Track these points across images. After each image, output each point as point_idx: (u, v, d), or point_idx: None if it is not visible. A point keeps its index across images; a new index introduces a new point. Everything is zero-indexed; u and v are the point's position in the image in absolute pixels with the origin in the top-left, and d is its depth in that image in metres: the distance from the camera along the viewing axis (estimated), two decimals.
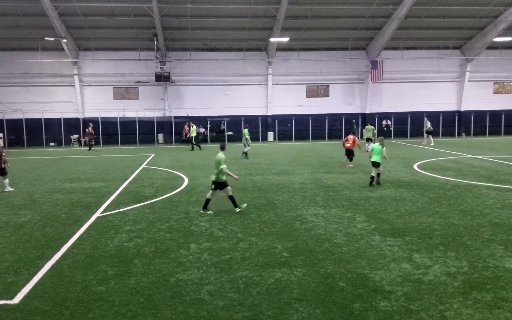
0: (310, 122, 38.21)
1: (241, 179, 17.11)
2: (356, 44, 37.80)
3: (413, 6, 30.59)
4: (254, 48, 37.40)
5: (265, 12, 31.86)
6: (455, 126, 39.43)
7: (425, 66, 38.76)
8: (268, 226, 10.27)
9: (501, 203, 12.15)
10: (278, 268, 7.54)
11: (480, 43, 36.83)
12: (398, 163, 21.10)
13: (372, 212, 11.51)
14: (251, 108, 38.24)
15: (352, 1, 31.06)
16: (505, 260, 7.73)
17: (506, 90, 40.63)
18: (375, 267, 7.50)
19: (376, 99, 39.20)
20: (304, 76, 38.43)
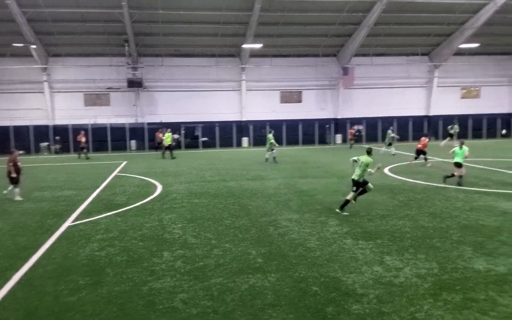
0: (284, 127, 38.46)
1: (215, 185, 17.08)
2: (327, 51, 38.34)
3: (382, 13, 31.26)
4: (227, 54, 37.44)
5: (237, 19, 31.98)
6: (424, 130, 40.38)
7: (394, 72, 39.64)
8: (242, 232, 10.26)
9: (469, 206, 12.48)
10: (252, 274, 7.53)
11: (448, 50, 37.93)
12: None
13: (344, 215, 11.63)
14: (226, 113, 38.24)
15: (322, 9, 31.50)
16: (473, 261, 7.93)
17: (473, 95, 41.94)
18: (348, 271, 7.59)
19: (348, 105, 39.82)
20: (277, 82, 38.72)
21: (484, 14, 32.57)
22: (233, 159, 27.34)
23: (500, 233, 9.65)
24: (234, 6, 30.54)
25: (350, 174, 19.07)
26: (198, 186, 17.05)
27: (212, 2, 29.94)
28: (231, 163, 25.24)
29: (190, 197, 14.75)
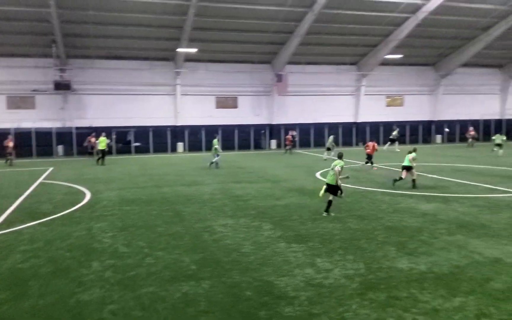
0: (220, 133, 38.44)
1: (148, 191, 16.71)
2: (262, 58, 38.93)
3: (313, 23, 32.30)
4: (161, 58, 36.83)
5: (172, 23, 31.57)
6: (353, 136, 42.23)
7: (325, 80, 41.07)
8: (176, 239, 10.12)
9: (393, 208, 13.22)
10: (185, 282, 7.45)
11: (374, 60, 39.97)
12: (302, 172, 22.04)
13: (278, 220, 11.87)
14: (160, 118, 37.53)
15: (256, 17, 31.97)
16: (396, 261, 8.39)
17: (397, 103, 44.51)
18: (280, 274, 7.74)
19: (282, 111, 40.65)
20: (213, 87, 38.67)
21: (407, 27, 34.72)
22: (167, 165, 26.89)
23: (421, 233, 10.31)
24: (168, 9, 30.13)
25: (284, 179, 19.61)
26: (130, 193, 16.58)
27: (146, 5, 29.30)
28: (166, 168, 24.82)
29: (121, 204, 14.31)
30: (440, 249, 9.05)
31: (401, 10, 32.80)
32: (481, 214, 12.15)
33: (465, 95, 45.23)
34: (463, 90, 44.93)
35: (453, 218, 11.74)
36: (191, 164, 26.91)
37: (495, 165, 23.94)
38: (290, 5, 30.70)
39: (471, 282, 7.22)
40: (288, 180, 19.31)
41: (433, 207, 13.20)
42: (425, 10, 32.22)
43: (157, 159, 31.13)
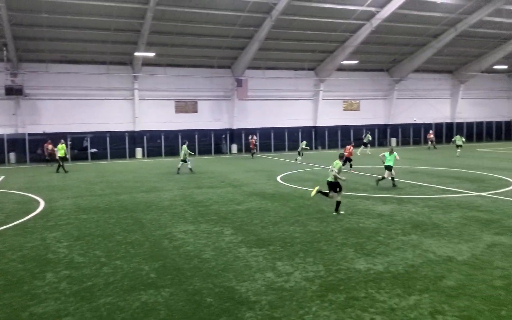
0: (179, 138, 38.06)
1: (106, 199, 16.29)
2: (221, 63, 38.93)
3: (272, 29, 32.63)
4: (118, 62, 36.09)
5: (129, 26, 31.02)
6: (312, 140, 42.90)
7: (284, 85, 41.57)
8: (135, 247, 9.92)
9: (351, 209, 13.53)
10: (145, 291, 7.31)
11: (331, 65, 40.83)
12: (263, 176, 22.16)
13: (240, 224, 11.87)
14: (117, 123, 36.70)
15: (215, 21, 31.94)
16: (355, 262, 8.59)
17: (353, 108, 45.66)
18: (242, 279, 7.74)
19: (243, 116, 40.76)
20: (172, 92, 38.27)
21: (362, 33, 35.71)
22: (126, 171, 26.33)
23: (378, 234, 10.60)
24: (126, 13, 29.59)
25: (245, 183, 19.66)
26: (87, 201, 16.11)
27: (102, 8, 28.63)
28: (124, 175, 24.30)
29: (77, 213, 13.88)
30: (396, 249, 9.34)
31: (356, 17, 33.72)
32: (434, 214, 12.64)
33: (418, 100, 47.00)
34: (416, 94, 46.68)
35: (408, 218, 12.15)
36: (150, 170, 26.48)
37: (447, 166, 24.99)
38: (249, 11, 30.89)
39: (425, 281, 7.49)
40: (249, 185, 19.37)
41: (389, 208, 13.60)
42: (379, 17, 33.27)
43: (115, 166, 30.42)
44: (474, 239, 9.93)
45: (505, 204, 13.85)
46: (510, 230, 10.69)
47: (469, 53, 44.32)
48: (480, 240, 9.84)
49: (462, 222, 11.56)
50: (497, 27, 37.96)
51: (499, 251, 9.00)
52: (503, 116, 51.17)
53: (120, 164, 31.36)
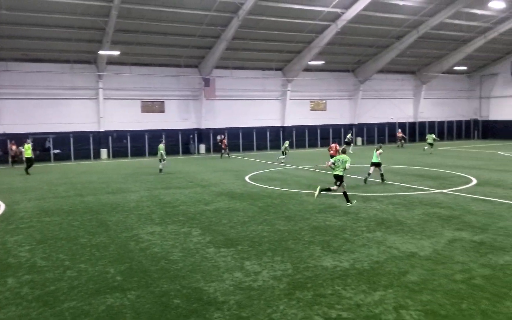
0: (146, 138, 37.50)
1: (70, 201, 15.88)
2: (188, 62, 38.59)
3: (239, 28, 32.62)
4: (82, 61, 35.18)
5: (93, 24, 30.28)
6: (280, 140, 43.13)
7: (252, 85, 41.63)
8: (100, 249, 9.72)
9: (318, 208, 13.71)
10: (110, 294, 7.17)
11: (298, 66, 41.19)
12: (231, 176, 22.15)
13: (208, 224, 11.83)
14: (81, 123, 35.77)
15: (182, 20, 31.63)
16: (322, 259, 8.71)
17: (320, 108, 46.24)
18: (210, 279, 7.72)
19: (211, 115, 40.55)
20: (138, 91, 37.62)
21: (328, 34, 36.19)
22: (90, 172, 25.72)
23: (344, 231, 10.79)
24: (90, 11, 28.86)
25: (214, 183, 19.59)
26: (50, 203, 15.66)
27: (65, 6, 27.81)
28: (89, 176, 23.73)
29: (40, 216, 13.47)
30: (362, 246, 9.54)
31: (322, 18, 34.15)
32: (398, 211, 12.99)
33: (382, 100, 48.08)
34: (380, 95, 47.73)
35: (373, 216, 12.43)
36: (116, 171, 25.98)
37: (411, 164, 25.70)
38: (216, 10, 30.75)
39: (390, 276, 7.68)
40: (218, 185, 19.32)
41: (354, 206, 13.86)
42: (344, 19, 33.81)
43: (79, 167, 29.67)
44: (436, 235, 10.26)
45: (465, 201, 14.38)
46: (469, 225, 11.10)
47: (431, 55, 45.70)
48: (442, 236, 10.17)
49: (424, 219, 11.93)
50: (457, 29, 39.31)
51: (459, 246, 9.33)
52: (463, 116, 53.05)
53: (85, 165, 30.62)
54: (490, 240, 9.76)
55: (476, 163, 25.46)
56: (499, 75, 50.04)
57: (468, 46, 43.27)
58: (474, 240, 9.79)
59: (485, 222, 11.43)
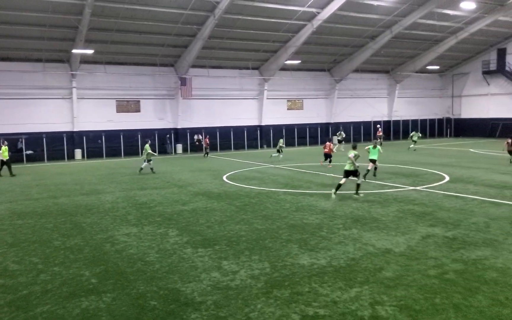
0: (121, 138, 36.98)
1: (43, 203, 15.54)
2: (164, 61, 38.24)
3: (215, 27, 32.51)
4: (55, 60, 34.43)
5: (66, 22, 29.67)
6: (258, 139, 43.26)
7: (229, 84, 41.58)
8: (75, 252, 9.54)
9: (295, 206, 13.80)
10: (85, 297, 7.05)
11: (274, 65, 41.34)
12: (209, 176, 22.06)
13: (185, 225, 11.76)
14: (54, 124, 35.03)
15: (157, 19, 31.31)
16: (299, 257, 8.77)
17: (297, 107, 46.52)
18: (187, 280, 7.67)
19: (188, 115, 40.30)
20: (113, 91, 37.07)
21: (304, 34, 36.43)
22: (64, 173, 25.20)
23: (321, 229, 10.89)
24: (62, 8, 28.25)
25: (191, 183, 19.48)
26: (23, 205, 15.28)
27: (37, 3, 27.16)
28: (62, 177, 23.25)
29: (12, 218, 13.14)
30: (338, 243, 9.64)
31: (298, 17, 34.36)
32: (373, 208, 13.19)
33: (357, 99, 48.73)
34: (356, 94, 48.37)
35: (349, 213, 12.59)
36: (91, 172, 25.54)
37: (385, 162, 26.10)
38: (191, 9, 30.56)
39: (365, 273, 7.79)
40: (195, 184, 19.22)
41: (331, 203, 14.02)
42: (320, 18, 34.10)
43: (53, 168, 29.03)
44: (410, 231, 10.46)
45: (437, 197, 14.71)
46: (442, 221, 11.37)
47: (404, 54, 46.54)
48: (415, 232, 10.38)
49: (398, 216, 12.15)
50: (430, 29, 40.14)
51: (432, 242, 9.54)
52: (436, 114, 54.23)
53: (58, 166, 29.98)
54: (462, 235, 10.01)
55: (449, 161, 26.08)
56: (470, 74, 51.38)
57: (440, 46, 44.27)
58: (447, 236, 10.03)
59: (457, 218, 11.72)
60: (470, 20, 39.56)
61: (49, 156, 34.48)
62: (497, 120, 48.37)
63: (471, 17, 39.01)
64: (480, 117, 50.41)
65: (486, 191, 15.57)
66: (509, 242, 9.40)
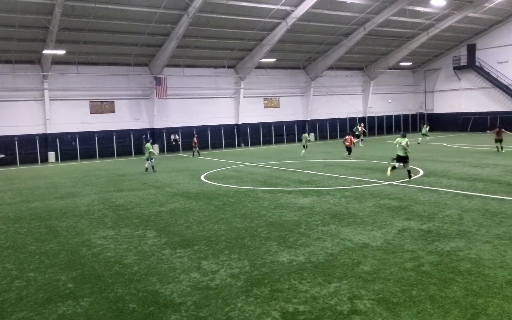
0: (96, 139, 36.37)
1: (16, 208, 15.15)
2: (138, 60, 37.77)
3: (189, 26, 32.28)
4: (25, 61, 33.59)
5: (36, 22, 28.96)
6: (235, 138, 43.21)
7: (205, 83, 41.39)
8: (50, 257, 9.34)
9: (274, 204, 13.85)
10: (62, 302, 6.91)
11: (250, 63, 41.36)
12: (187, 176, 21.93)
13: (163, 226, 11.65)
14: (26, 126, 34.19)
15: (130, 18, 30.89)
16: (278, 255, 8.80)
17: (274, 105, 46.67)
18: (166, 281, 7.61)
19: (163, 115, 39.94)
20: (86, 91, 36.42)
21: (278, 32, 36.56)
22: (38, 177, 24.63)
23: (299, 226, 10.97)
24: (32, 8, 27.56)
25: (168, 184, 19.32)
26: None
27: (5, 3, 26.39)
28: (36, 181, 22.72)
29: None
30: (316, 239, 9.73)
31: (272, 15, 34.45)
32: (350, 204, 13.35)
33: (333, 96, 49.24)
34: (331, 91, 48.86)
35: (326, 209, 12.71)
36: (65, 175, 25.03)
37: (361, 158, 26.48)
38: (164, 7, 30.26)
39: (344, 268, 7.89)
40: (173, 185, 19.07)
41: (309, 200, 14.12)
42: (294, 16, 34.28)
43: (26, 171, 28.34)
44: (386, 226, 10.64)
45: (412, 192, 15.00)
46: (417, 215, 11.60)
47: (377, 51, 47.25)
48: (392, 226, 10.56)
49: (375, 210, 12.33)
50: (402, 27, 40.86)
51: (408, 235, 9.73)
52: (409, 110, 55.27)
53: (31, 170, 29.28)
54: (436, 228, 10.24)
55: (423, 155, 26.61)
56: (442, 70, 52.54)
57: (412, 42, 45.12)
58: (422, 228, 10.24)
59: (431, 211, 11.98)
60: (440, 16, 40.46)
61: (21, 159, 33.66)
62: (468, 114, 49.62)
63: (441, 14, 39.90)
64: (452, 112, 51.63)
65: (459, 184, 15.97)
66: (482, 233, 9.67)
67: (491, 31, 46.60)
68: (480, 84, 48.70)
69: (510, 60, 45.69)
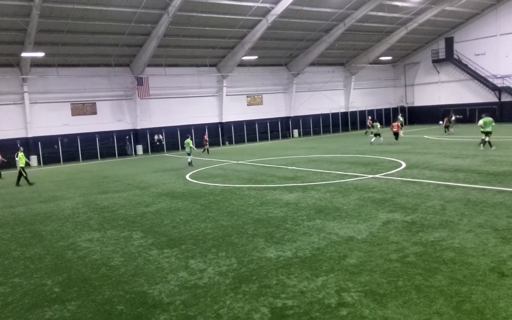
0: (79, 141, 35.93)
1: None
2: (119, 61, 37.42)
3: (170, 25, 32.12)
4: (4, 64, 33.03)
5: (13, 25, 28.46)
6: (219, 136, 43.15)
7: (187, 82, 41.23)
8: (35, 262, 9.23)
9: (260, 201, 13.89)
10: (49, 306, 6.85)
11: (232, 61, 41.32)
12: (172, 176, 21.84)
13: (149, 227, 11.60)
14: (7, 130, 33.68)
15: (109, 18, 30.58)
16: (266, 251, 8.85)
17: (257, 102, 46.74)
18: (154, 282, 7.60)
19: (146, 115, 39.67)
20: (67, 94, 35.97)
21: (259, 29, 36.62)
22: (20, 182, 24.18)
23: (285, 222, 11.03)
24: (9, 11, 27.08)
25: (153, 184, 19.23)
26: None
27: None
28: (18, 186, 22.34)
29: None
30: (303, 234, 9.81)
31: (252, 13, 34.47)
32: (335, 198, 13.47)
33: (315, 92, 49.54)
34: (313, 87, 49.15)
35: (312, 204, 12.81)
36: (48, 179, 24.69)
37: (344, 153, 26.71)
38: (144, 7, 30.04)
39: (330, 261, 7.97)
40: (158, 185, 18.97)
41: (294, 196, 14.21)
42: (274, 13, 34.38)
43: (7, 176, 27.83)
44: (371, 218, 10.78)
45: (395, 184, 15.20)
46: (401, 207, 11.77)
47: (358, 46, 47.67)
48: (376, 219, 10.70)
49: (359, 204, 12.47)
50: (381, 21, 41.31)
51: (393, 227, 9.87)
52: (390, 103, 55.92)
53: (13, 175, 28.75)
54: (420, 219, 10.41)
55: (405, 148, 26.97)
56: (421, 63, 53.27)
57: (392, 37, 45.65)
58: (406, 220, 10.40)
59: (415, 202, 12.17)
60: (418, 11, 41.01)
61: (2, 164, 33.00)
62: (448, 106, 50.44)
63: (419, 8, 40.44)
64: (432, 104, 52.41)
65: (441, 175, 16.24)
66: (464, 222, 9.87)
67: (468, 24, 47.41)
68: (459, 77, 49.52)
69: (487, 52, 46.57)
